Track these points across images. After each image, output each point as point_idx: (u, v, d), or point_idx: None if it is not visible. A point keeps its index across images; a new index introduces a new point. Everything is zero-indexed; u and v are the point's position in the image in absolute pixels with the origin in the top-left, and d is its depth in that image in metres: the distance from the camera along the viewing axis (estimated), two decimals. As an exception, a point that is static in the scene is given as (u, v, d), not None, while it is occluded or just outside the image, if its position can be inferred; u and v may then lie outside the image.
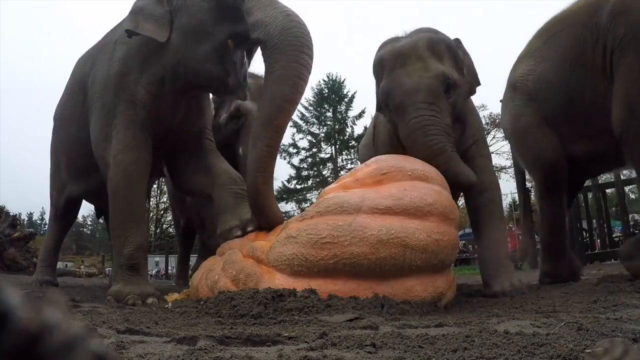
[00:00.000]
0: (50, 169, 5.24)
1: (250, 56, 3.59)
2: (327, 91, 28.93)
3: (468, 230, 13.69)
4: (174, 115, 3.80)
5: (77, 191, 4.82)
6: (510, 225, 12.77)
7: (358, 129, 28.40)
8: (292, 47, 2.92)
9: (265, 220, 3.16)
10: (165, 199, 26.71)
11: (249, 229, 3.24)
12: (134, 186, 3.59)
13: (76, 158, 4.43)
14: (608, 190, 9.50)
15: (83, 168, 4.38)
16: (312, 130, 27.97)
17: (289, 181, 27.40)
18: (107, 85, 3.66)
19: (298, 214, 2.97)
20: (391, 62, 3.24)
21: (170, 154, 4.03)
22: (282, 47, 2.93)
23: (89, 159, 4.01)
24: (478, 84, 3.56)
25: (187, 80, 3.53)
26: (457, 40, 3.48)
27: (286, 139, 26.54)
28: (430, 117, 3.03)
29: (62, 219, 5.20)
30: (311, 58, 2.99)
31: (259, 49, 3.28)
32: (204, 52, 3.31)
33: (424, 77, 3.09)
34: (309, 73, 2.99)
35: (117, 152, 3.54)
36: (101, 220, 6.84)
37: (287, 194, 27.03)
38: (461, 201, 7.04)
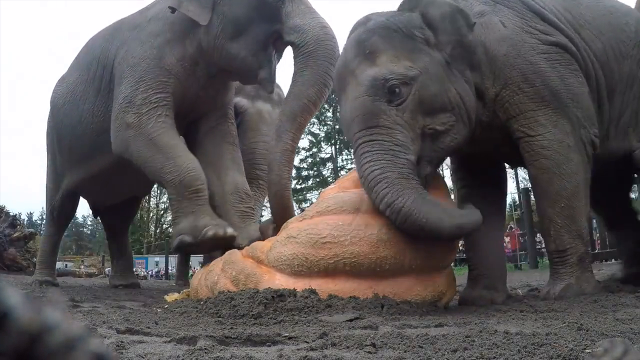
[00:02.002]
0: (47, 163, 5.21)
1: (279, 54, 3.71)
2: (327, 91, 28.94)
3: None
4: (202, 96, 3.88)
5: (76, 181, 4.75)
6: (511, 225, 12.77)
7: (358, 129, 28.36)
8: (323, 57, 3.27)
9: (283, 215, 3.22)
10: (165, 199, 26.72)
11: None
12: (171, 129, 3.57)
13: (82, 137, 4.37)
14: (608, 190, 9.50)
15: (89, 148, 4.34)
16: (312, 130, 27.99)
17: (289, 181, 27.41)
18: (143, 57, 3.71)
19: (298, 214, 2.98)
20: (336, 89, 2.68)
21: (190, 134, 4.05)
22: (314, 56, 3.27)
23: (98, 135, 4.07)
24: (463, 33, 2.45)
25: (219, 66, 3.69)
26: (402, 1, 2.63)
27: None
28: (370, 149, 2.29)
29: (58, 219, 5.19)
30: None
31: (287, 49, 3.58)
32: (241, 42, 3.50)
33: (355, 98, 2.37)
34: (332, 83, 3.17)
35: (149, 108, 3.55)
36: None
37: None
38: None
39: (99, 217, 5.91)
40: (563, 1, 2.80)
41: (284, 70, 4.03)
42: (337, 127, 27.76)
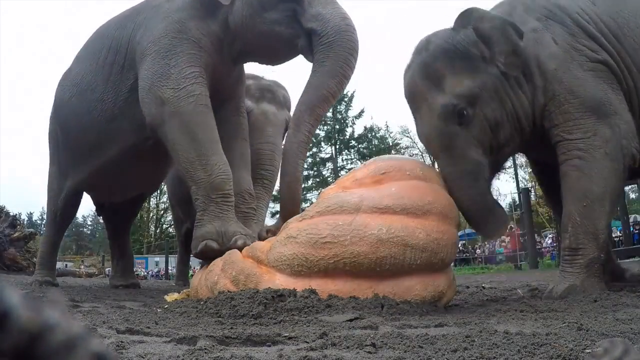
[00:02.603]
0: (50, 164, 5.14)
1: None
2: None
3: (468, 230, 13.71)
4: (226, 81, 3.83)
5: (82, 177, 4.64)
6: (511, 225, 12.77)
7: (358, 129, 28.44)
8: (343, 48, 3.23)
9: (292, 207, 3.21)
10: (165, 199, 26.71)
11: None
12: (210, 113, 3.47)
13: (90, 129, 4.25)
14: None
15: (98, 138, 4.24)
16: (312, 130, 27.92)
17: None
18: (166, 31, 3.61)
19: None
20: (409, 106, 2.93)
21: None
22: (335, 46, 3.22)
23: (108, 123, 4.00)
24: (514, 42, 2.64)
25: (251, 47, 3.65)
26: (463, 17, 2.76)
27: (286, 139, 26.50)
28: (451, 170, 2.67)
29: (61, 220, 5.15)
30: (356, 61, 3.30)
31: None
32: (273, 17, 3.45)
33: (430, 123, 2.69)
34: (352, 74, 3.28)
35: (186, 83, 3.44)
36: (101, 220, 6.82)
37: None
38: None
39: (100, 217, 5.89)
40: (608, 7, 2.82)
41: (287, 74, 4.01)
42: (337, 127, 27.78)
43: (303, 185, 27.22)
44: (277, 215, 3.67)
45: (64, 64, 4.89)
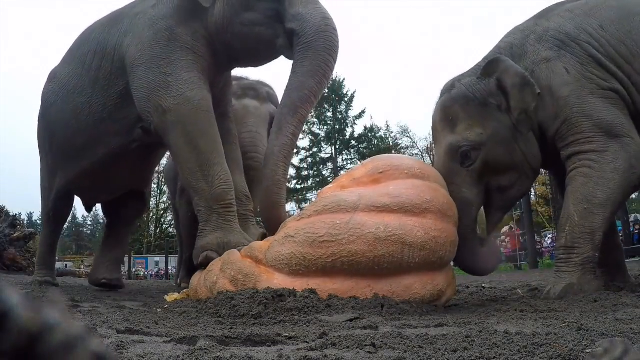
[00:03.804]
0: (41, 163, 5.07)
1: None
2: (327, 91, 28.88)
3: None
4: (217, 86, 3.81)
5: (70, 177, 4.60)
6: (511, 225, 12.77)
7: (358, 129, 28.42)
8: (323, 49, 3.24)
9: (270, 213, 3.18)
10: (165, 199, 26.71)
11: None
12: (212, 120, 3.45)
13: (77, 131, 4.25)
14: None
15: (86, 141, 4.23)
16: (312, 130, 27.96)
17: (288, 181, 27.37)
18: (156, 40, 3.59)
19: (297, 214, 2.98)
20: (433, 138, 3.24)
21: None
22: (314, 46, 3.26)
23: (97, 126, 3.99)
24: (528, 103, 2.77)
25: (234, 48, 3.62)
26: (489, 66, 2.87)
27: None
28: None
29: (54, 219, 5.06)
30: (336, 62, 3.33)
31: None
32: (253, 17, 3.45)
33: (439, 157, 2.96)
34: (332, 74, 3.33)
35: (185, 90, 3.42)
36: (101, 220, 6.75)
37: (287, 193, 26.96)
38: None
39: (89, 211, 5.68)
40: (617, 30, 2.86)
41: (270, 72, 3.97)
42: (337, 127, 27.77)
43: (303, 185, 27.35)
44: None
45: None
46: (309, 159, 27.75)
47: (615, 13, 2.90)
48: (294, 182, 27.38)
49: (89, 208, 5.55)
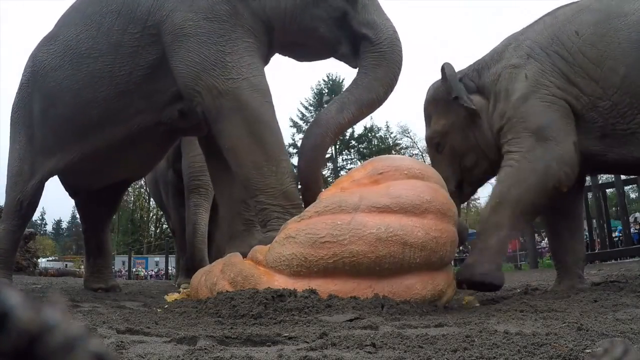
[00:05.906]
0: (13, 144, 4.27)
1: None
2: (326, 91, 28.92)
3: (470, 230, 13.67)
4: None
5: (68, 159, 3.89)
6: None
7: (358, 129, 28.43)
8: (395, 62, 3.38)
9: (315, 190, 3.17)
10: (165, 199, 26.67)
11: None
12: (275, 113, 3.24)
13: (91, 102, 3.60)
14: (608, 190, 9.51)
15: (99, 115, 3.62)
16: (312, 130, 27.89)
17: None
18: (214, 10, 3.19)
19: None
20: None
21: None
22: (389, 57, 3.35)
23: (118, 99, 3.50)
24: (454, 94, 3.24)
25: (290, 43, 3.51)
26: (445, 66, 3.35)
27: (286, 139, 26.49)
28: None
29: (27, 211, 4.23)
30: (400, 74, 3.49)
31: None
32: (320, 15, 3.36)
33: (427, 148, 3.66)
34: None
35: (248, 74, 3.11)
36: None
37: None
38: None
39: (73, 197, 4.88)
40: (591, 34, 2.91)
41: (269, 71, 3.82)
42: (337, 127, 27.71)
43: (303, 185, 27.32)
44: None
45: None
46: (309, 159, 27.67)
47: (594, 16, 2.96)
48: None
49: (75, 195, 4.79)
